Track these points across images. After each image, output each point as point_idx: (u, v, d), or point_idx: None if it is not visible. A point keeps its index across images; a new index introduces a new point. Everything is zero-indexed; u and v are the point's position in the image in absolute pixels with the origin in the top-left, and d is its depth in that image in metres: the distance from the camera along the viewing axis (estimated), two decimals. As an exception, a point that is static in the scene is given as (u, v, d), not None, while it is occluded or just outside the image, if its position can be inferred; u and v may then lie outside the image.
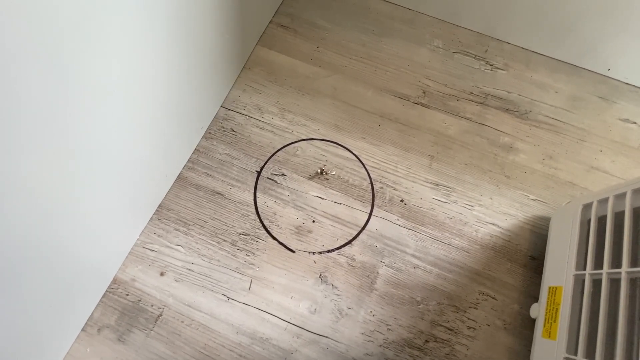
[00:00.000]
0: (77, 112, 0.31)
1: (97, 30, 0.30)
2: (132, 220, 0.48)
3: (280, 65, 0.60)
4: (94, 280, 0.46)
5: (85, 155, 0.34)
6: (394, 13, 0.65)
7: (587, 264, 0.38)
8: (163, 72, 0.40)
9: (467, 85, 0.60)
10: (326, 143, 0.56)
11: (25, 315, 0.36)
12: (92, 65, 0.31)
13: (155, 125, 0.43)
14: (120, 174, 0.41)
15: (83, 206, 0.37)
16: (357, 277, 0.48)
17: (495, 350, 0.45)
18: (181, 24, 0.40)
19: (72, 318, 0.44)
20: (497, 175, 0.54)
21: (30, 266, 0.34)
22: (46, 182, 0.31)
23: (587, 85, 0.61)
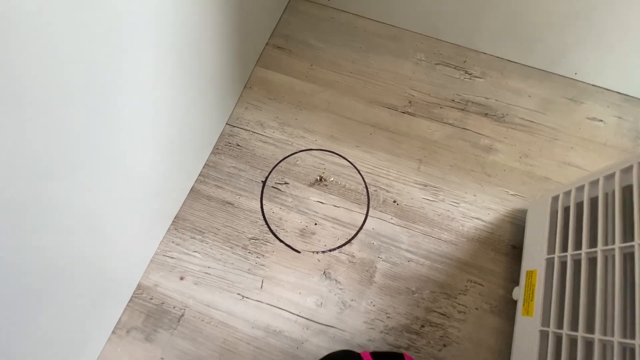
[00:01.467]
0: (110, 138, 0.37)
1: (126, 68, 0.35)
2: (152, 232, 0.53)
3: (278, 83, 0.66)
4: (121, 287, 0.51)
5: (113, 175, 0.39)
6: (379, 30, 0.71)
7: (555, 248, 0.43)
8: (176, 98, 0.46)
9: (448, 94, 0.66)
10: (324, 152, 0.61)
11: (62, 322, 0.41)
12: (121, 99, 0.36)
13: (170, 145, 0.49)
14: (142, 190, 0.46)
15: (110, 221, 0.42)
16: (357, 272, 0.54)
17: (483, 331, 0.51)
18: (190, 55, 0.45)
19: (103, 322, 0.49)
20: (479, 175, 0.60)
21: (66, 278, 0.38)
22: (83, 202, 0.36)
23: (557, 89, 0.68)
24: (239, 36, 0.57)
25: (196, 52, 0.46)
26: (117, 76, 0.34)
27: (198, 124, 0.54)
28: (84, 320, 0.45)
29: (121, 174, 0.41)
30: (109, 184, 0.39)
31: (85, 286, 0.42)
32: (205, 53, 0.48)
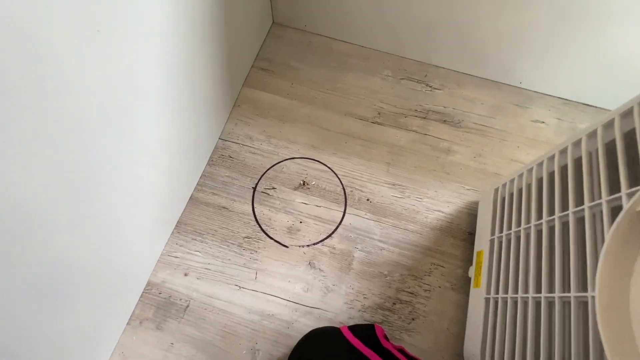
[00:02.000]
0: (126, 157, 0.45)
1: (138, 102, 0.44)
2: (159, 235, 0.61)
3: (263, 101, 0.75)
4: (133, 284, 0.58)
5: (127, 188, 0.48)
6: (350, 51, 0.81)
7: (495, 230, 0.53)
8: (176, 119, 0.54)
9: (412, 105, 0.76)
10: (305, 160, 0.70)
11: (85, 315, 0.48)
12: (134, 124, 0.45)
13: (172, 159, 0.57)
14: (150, 199, 0.54)
15: (124, 227, 0.50)
16: (337, 261, 0.62)
17: (445, 305, 0.60)
18: (186, 82, 0.54)
19: (119, 315, 0.56)
20: (439, 173, 0.70)
21: (88, 277, 0.45)
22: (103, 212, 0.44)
23: (505, 96, 0.78)
24: (228, 61, 0.66)
25: (192, 79, 0.55)
26: (131, 109, 0.43)
27: (195, 140, 0.63)
28: (103, 314, 0.52)
29: (133, 186, 0.49)
30: (123, 195, 0.47)
31: (103, 284, 0.49)
32: (199, 79, 0.57)
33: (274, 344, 0.57)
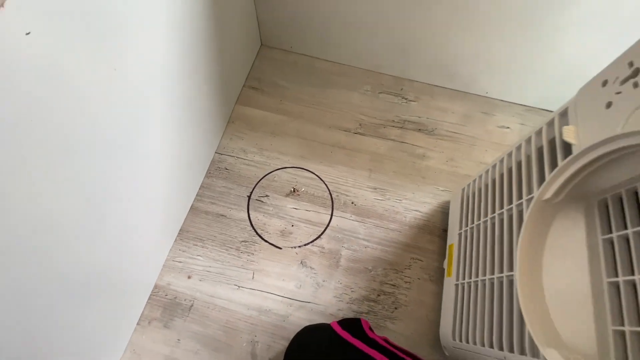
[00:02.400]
0: (137, 173, 0.52)
1: (145, 119, 0.51)
2: (163, 243, 0.67)
3: (255, 117, 0.83)
4: (141, 288, 0.64)
5: (134, 200, 0.54)
6: (332, 69, 0.89)
7: (462, 225, 0.60)
8: (177, 137, 0.61)
9: (390, 116, 0.84)
10: (295, 169, 0.78)
11: (100, 317, 0.54)
12: (143, 145, 0.51)
13: (174, 173, 0.64)
14: (156, 210, 0.61)
15: (133, 237, 0.56)
16: (327, 259, 0.69)
17: (424, 295, 0.67)
18: (185, 103, 0.61)
19: (129, 316, 0.62)
20: (416, 177, 0.78)
21: (101, 282, 0.50)
22: (117, 222, 0.51)
23: (474, 105, 0.87)
24: (221, 83, 0.73)
25: (190, 100, 0.62)
26: (141, 131, 0.50)
27: (194, 155, 0.70)
28: (115, 315, 0.58)
29: (142, 199, 0.55)
30: (133, 207, 0.54)
31: (115, 288, 0.55)
32: (197, 100, 0.64)
33: (271, 336, 0.63)
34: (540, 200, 0.31)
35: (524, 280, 0.30)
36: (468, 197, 0.62)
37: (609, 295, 0.27)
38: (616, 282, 0.27)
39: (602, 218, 0.30)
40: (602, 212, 0.30)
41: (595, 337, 0.27)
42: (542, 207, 0.31)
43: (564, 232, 0.31)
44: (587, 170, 0.28)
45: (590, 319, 0.28)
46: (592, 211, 0.31)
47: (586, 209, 0.31)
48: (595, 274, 0.29)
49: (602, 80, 0.34)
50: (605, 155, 0.26)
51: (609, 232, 0.29)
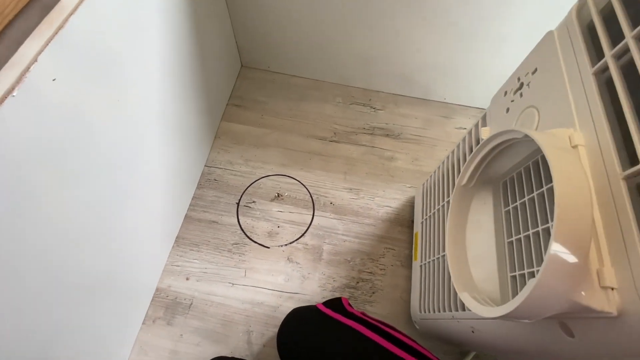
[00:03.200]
0: (138, 188, 0.59)
1: (142, 140, 0.59)
2: (162, 249, 0.75)
3: (239, 131, 0.91)
4: (145, 291, 0.71)
5: (136, 212, 0.62)
6: (307, 84, 0.99)
7: (423, 214, 0.70)
8: (170, 153, 0.69)
9: (360, 124, 0.94)
10: (278, 176, 0.86)
11: (110, 317, 0.61)
12: (142, 160, 0.59)
13: (169, 186, 0.71)
14: (154, 220, 0.68)
15: (135, 245, 0.63)
16: (310, 254, 0.78)
17: (398, 279, 0.76)
18: (176, 122, 0.69)
19: (135, 316, 0.69)
20: (386, 177, 0.87)
21: (109, 286, 0.56)
22: (124, 232, 0.58)
23: (434, 111, 0.98)
24: (207, 103, 0.82)
25: (180, 120, 0.70)
26: (139, 150, 0.58)
27: (185, 169, 0.78)
28: (122, 316, 0.65)
29: (142, 211, 0.63)
30: (135, 219, 0.61)
31: (122, 291, 0.62)
32: (186, 120, 0.73)
33: (264, 325, 0.70)
34: (460, 186, 0.41)
35: (452, 250, 0.40)
36: (427, 190, 0.72)
37: (508, 251, 0.37)
38: (511, 241, 0.37)
39: (504, 196, 0.39)
40: (504, 191, 0.40)
41: (499, 283, 0.36)
42: (462, 192, 0.41)
43: (479, 210, 0.40)
44: (488, 158, 0.38)
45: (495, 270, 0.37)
46: (497, 191, 0.41)
47: (493, 190, 0.41)
48: (499, 237, 0.38)
49: (504, 91, 0.45)
50: (496, 146, 0.36)
51: (507, 206, 0.38)
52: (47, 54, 0.37)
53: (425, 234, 0.67)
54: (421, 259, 0.67)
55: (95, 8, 0.42)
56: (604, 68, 0.29)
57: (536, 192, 0.34)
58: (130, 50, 0.51)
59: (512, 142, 0.35)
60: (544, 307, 0.25)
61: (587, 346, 0.28)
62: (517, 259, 0.35)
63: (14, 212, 0.37)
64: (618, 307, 0.24)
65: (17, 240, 0.38)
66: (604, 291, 0.24)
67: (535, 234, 0.33)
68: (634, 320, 0.23)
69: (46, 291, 0.44)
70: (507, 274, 0.36)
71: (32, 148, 0.38)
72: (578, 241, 0.23)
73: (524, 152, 0.36)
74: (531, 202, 0.34)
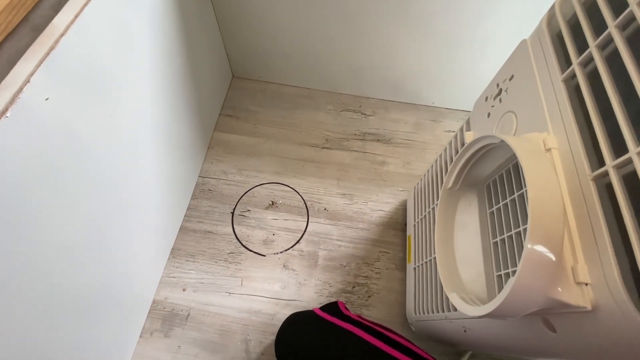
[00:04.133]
0: (132, 201, 0.60)
1: (136, 153, 0.60)
2: (158, 261, 0.75)
3: (232, 141, 0.92)
4: (141, 303, 0.71)
5: (131, 224, 0.62)
6: (298, 93, 1.01)
7: (415, 217, 0.72)
8: (163, 164, 0.70)
9: (352, 130, 0.96)
10: (272, 184, 0.87)
11: (105, 331, 0.61)
12: (137, 173, 0.60)
13: (163, 198, 0.72)
14: (150, 233, 0.69)
15: (131, 257, 0.63)
16: (306, 261, 0.78)
17: (393, 282, 0.77)
18: (169, 134, 0.70)
19: (132, 329, 0.69)
20: (378, 181, 0.89)
21: (106, 299, 0.57)
22: (115, 246, 0.59)
23: (423, 115, 1.00)
24: (200, 114, 0.83)
25: (173, 132, 0.71)
26: (134, 163, 0.59)
27: (179, 180, 0.78)
28: (119, 330, 0.65)
29: (138, 223, 0.63)
30: (130, 231, 0.62)
31: (118, 304, 0.62)
32: (179, 131, 0.74)
33: (262, 333, 0.71)
34: (446, 189, 0.42)
35: (441, 252, 0.41)
36: (418, 193, 0.73)
37: (493, 251, 0.38)
38: (496, 242, 0.38)
39: (488, 197, 0.41)
40: (488, 193, 0.41)
41: (485, 282, 0.38)
42: (448, 194, 0.42)
43: (465, 211, 0.42)
44: (471, 162, 0.39)
45: (482, 270, 0.38)
46: (482, 193, 0.42)
47: (478, 193, 0.42)
48: (484, 237, 0.40)
49: (485, 97, 0.47)
50: (478, 150, 0.38)
51: (491, 207, 0.40)
52: (39, 75, 0.38)
53: (417, 237, 0.68)
54: (415, 262, 0.68)
55: (86, 28, 0.43)
56: (572, 75, 0.31)
57: (517, 193, 0.35)
58: (122, 66, 0.52)
59: (492, 146, 0.36)
60: (524, 304, 0.26)
61: (568, 340, 0.29)
62: (502, 258, 0.36)
63: (10, 228, 0.38)
64: (592, 302, 0.25)
65: (12, 254, 0.39)
66: (578, 287, 0.25)
67: (517, 234, 0.34)
68: (605, 314, 0.24)
69: (41, 306, 0.44)
70: (494, 273, 0.37)
71: (28, 167, 0.39)
72: (551, 239, 0.25)
73: (504, 155, 0.38)
74: (512, 203, 0.36)
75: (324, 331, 0.59)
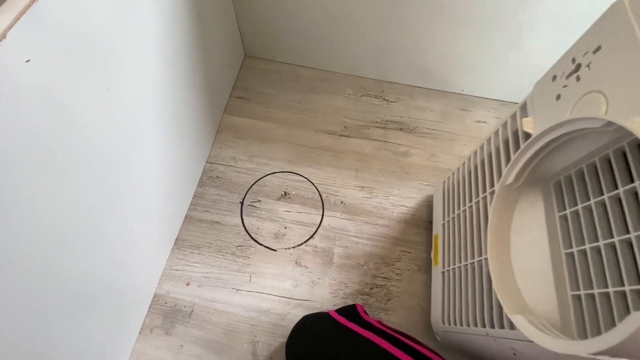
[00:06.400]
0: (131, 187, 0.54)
1: (137, 134, 0.53)
2: (160, 252, 0.69)
3: (242, 125, 0.85)
4: (141, 297, 0.66)
5: (131, 212, 0.56)
6: (316, 75, 0.93)
7: (445, 215, 0.64)
8: (168, 148, 0.64)
9: (372, 117, 0.88)
10: (285, 173, 0.80)
11: (102, 326, 0.56)
12: (137, 156, 0.54)
13: (168, 185, 0.66)
14: (152, 221, 0.63)
15: (131, 247, 0.57)
16: (320, 258, 0.72)
17: (415, 285, 0.70)
18: (175, 114, 0.63)
19: (131, 325, 0.64)
20: (400, 174, 0.81)
21: (102, 293, 0.51)
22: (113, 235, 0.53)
23: (451, 103, 0.91)
24: (209, 94, 0.76)
25: (179, 113, 0.64)
26: (134, 145, 0.52)
27: (185, 166, 0.72)
28: (117, 325, 0.59)
29: (138, 210, 0.57)
30: (130, 220, 0.56)
31: (116, 298, 0.57)
32: (185, 112, 0.67)
33: (271, 335, 0.65)
34: (504, 186, 0.35)
35: (494, 259, 0.34)
36: (449, 189, 0.66)
37: (567, 265, 0.31)
38: (571, 253, 0.31)
39: (557, 197, 0.33)
40: (557, 192, 0.34)
41: (557, 303, 0.31)
42: (506, 192, 0.35)
43: (526, 213, 0.35)
44: (540, 155, 0.32)
45: (552, 287, 0.31)
46: (548, 192, 0.35)
47: (543, 191, 0.35)
48: (554, 247, 0.33)
49: (552, 76, 0.39)
50: (553, 140, 0.30)
51: (564, 209, 0.32)
52: (17, 31, 0.32)
53: (448, 237, 0.61)
54: (444, 265, 0.61)
55: (77, -22, 0.36)
56: None
57: (607, 194, 0.28)
58: (121, 34, 0.45)
59: (576, 134, 0.29)
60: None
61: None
62: (582, 275, 0.29)
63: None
64: None
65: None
66: None
67: (609, 246, 0.27)
68: None
69: (32, 299, 0.39)
70: (568, 292, 0.30)
71: (7, 141, 0.32)
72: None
73: (587, 146, 0.30)
74: (600, 206, 0.28)
75: (341, 338, 0.53)
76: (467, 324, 0.48)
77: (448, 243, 0.61)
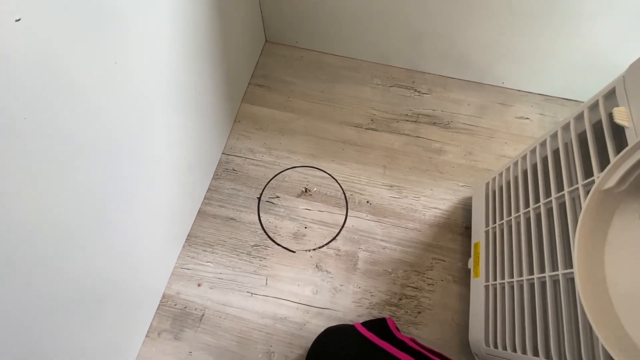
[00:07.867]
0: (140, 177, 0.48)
1: (148, 119, 0.47)
2: (171, 250, 0.64)
3: (262, 115, 0.79)
4: (149, 297, 0.61)
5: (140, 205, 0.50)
6: (341, 63, 0.86)
7: (489, 222, 0.57)
8: (182, 137, 0.58)
9: (403, 110, 0.80)
10: (306, 168, 0.74)
11: (106, 328, 0.51)
12: (148, 144, 0.48)
13: (180, 176, 0.60)
14: (162, 215, 0.57)
15: (139, 243, 0.52)
16: (343, 262, 0.65)
17: (449, 297, 0.63)
18: (190, 101, 0.58)
19: (138, 327, 0.59)
20: (433, 172, 0.74)
21: (106, 292, 0.47)
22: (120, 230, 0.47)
23: (490, 96, 0.83)
24: (226, 81, 0.70)
25: (195, 99, 0.59)
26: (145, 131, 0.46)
27: (200, 157, 0.66)
28: (122, 327, 0.54)
29: (148, 204, 0.52)
30: (139, 213, 0.50)
31: (122, 299, 0.52)
32: (201, 99, 0.61)
33: (288, 346, 0.59)
34: (600, 191, 0.28)
35: (584, 279, 0.27)
36: (494, 192, 0.58)
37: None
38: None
39: (676, 207, 0.26)
40: (675, 201, 0.26)
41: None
42: (602, 198, 0.28)
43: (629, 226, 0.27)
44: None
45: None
46: (661, 200, 0.27)
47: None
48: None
49: (660, 53, 0.31)
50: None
51: (687, 224, 0.25)
52: (4, -19, 0.26)
53: (494, 247, 0.54)
54: (488, 277, 0.53)
55: None
56: None
57: None
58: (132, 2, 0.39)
59: None
60: None
61: None
62: None
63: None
64: None
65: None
66: None
67: None
68: None
69: (34, 298, 0.36)
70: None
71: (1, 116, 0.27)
72: None
73: None
74: None
75: (369, 356, 0.47)
76: (523, 351, 0.41)
77: (494, 253, 0.53)
